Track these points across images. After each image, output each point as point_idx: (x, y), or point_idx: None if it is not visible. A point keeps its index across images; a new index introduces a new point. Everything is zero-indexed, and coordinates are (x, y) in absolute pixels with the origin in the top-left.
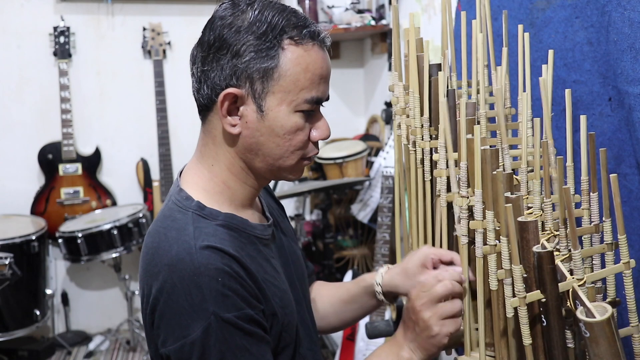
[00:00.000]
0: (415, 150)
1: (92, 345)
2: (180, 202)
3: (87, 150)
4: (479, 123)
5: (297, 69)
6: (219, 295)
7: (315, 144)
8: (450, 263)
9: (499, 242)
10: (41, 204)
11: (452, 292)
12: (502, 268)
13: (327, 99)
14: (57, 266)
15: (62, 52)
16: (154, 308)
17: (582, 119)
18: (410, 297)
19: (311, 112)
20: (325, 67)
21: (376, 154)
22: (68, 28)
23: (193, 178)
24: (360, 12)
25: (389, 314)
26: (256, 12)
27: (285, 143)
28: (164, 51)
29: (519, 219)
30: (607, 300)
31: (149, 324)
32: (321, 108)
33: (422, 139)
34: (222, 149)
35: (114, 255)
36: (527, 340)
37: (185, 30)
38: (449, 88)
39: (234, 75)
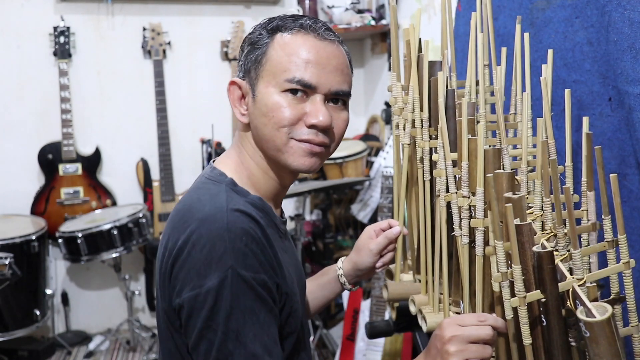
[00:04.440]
0: (414, 148)
1: (92, 345)
2: (213, 177)
3: (87, 150)
4: (479, 123)
5: (281, 53)
6: (240, 253)
7: (311, 128)
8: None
9: (497, 242)
10: (41, 204)
11: (488, 339)
12: (498, 271)
13: (330, 91)
14: (57, 266)
15: (62, 52)
16: (177, 258)
17: (585, 120)
18: (441, 325)
19: (296, 93)
20: (314, 52)
21: (376, 154)
22: (68, 28)
23: (226, 161)
24: (360, 12)
25: (388, 314)
26: (265, 21)
27: (269, 121)
28: (164, 51)
29: (514, 222)
30: (611, 297)
31: (167, 276)
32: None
33: (422, 139)
34: (244, 138)
35: (114, 255)
36: (527, 340)
37: (185, 30)
38: (449, 88)
39: (241, 70)
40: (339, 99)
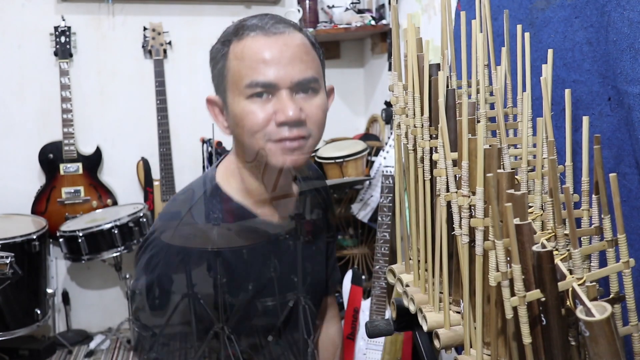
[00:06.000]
0: (415, 150)
1: (92, 345)
2: (205, 179)
3: (87, 149)
4: (479, 122)
5: (236, 61)
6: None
7: (281, 126)
8: None
9: (497, 241)
10: (42, 203)
11: None
12: (498, 271)
13: (292, 83)
14: (57, 265)
15: (63, 51)
16: None
17: (585, 120)
18: None
19: (261, 96)
20: (265, 50)
21: (376, 154)
22: (69, 28)
23: (222, 166)
24: (360, 12)
25: (388, 313)
26: (221, 34)
27: (242, 130)
28: (165, 51)
29: (514, 221)
30: (611, 296)
31: None
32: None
33: (422, 139)
34: (235, 145)
35: (114, 254)
36: (526, 339)
37: (185, 30)
38: (449, 88)
39: (214, 86)
40: (308, 87)
